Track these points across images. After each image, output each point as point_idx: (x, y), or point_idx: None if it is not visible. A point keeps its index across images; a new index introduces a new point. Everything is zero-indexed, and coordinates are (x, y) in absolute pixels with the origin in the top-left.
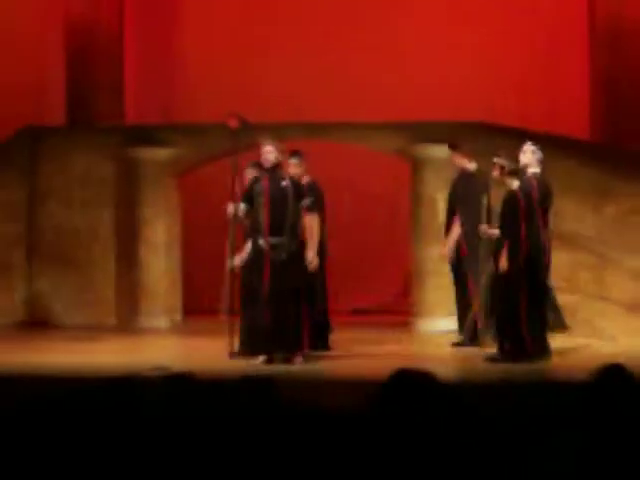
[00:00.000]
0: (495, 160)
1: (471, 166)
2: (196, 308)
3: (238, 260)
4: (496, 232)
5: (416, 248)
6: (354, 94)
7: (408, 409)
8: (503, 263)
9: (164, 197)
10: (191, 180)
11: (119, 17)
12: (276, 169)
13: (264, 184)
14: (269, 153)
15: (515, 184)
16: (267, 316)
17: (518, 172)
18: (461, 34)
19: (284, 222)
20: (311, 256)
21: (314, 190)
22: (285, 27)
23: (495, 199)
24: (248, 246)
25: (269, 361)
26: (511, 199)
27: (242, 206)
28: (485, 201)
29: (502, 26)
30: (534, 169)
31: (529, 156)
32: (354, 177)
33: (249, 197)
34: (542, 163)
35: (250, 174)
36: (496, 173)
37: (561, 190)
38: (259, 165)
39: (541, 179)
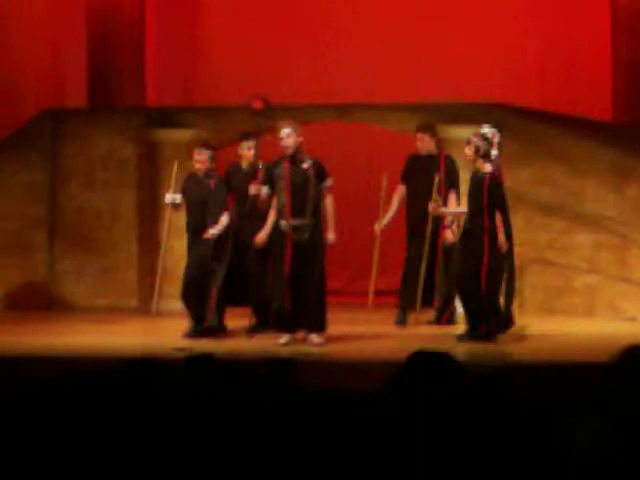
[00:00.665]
0: (472, 139)
1: (435, 151)
2: None
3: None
4: (445, 210)
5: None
6: (375, 75)
7: (426, 390)
8: (502, 241)
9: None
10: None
11: None
12: (297, 152)
13: (285, 167)
14: (288, 137)
15: (487, 167)
16: (288, 297)
17: (491, 156)
18: (482, 15)
19: (305, 204)
20: (331, 237)
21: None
22: (308, 7)
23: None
24: (269, 227)
25: (290, 342)
26: (485, 183)
27: (265, 189)
28: (436, 179)
29: (523, 6)
30: (494, 152)
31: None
32: (374, 157)
33: (270, 180)
34: (500, 146)
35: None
36: (469, 152)
37: (582, 171)
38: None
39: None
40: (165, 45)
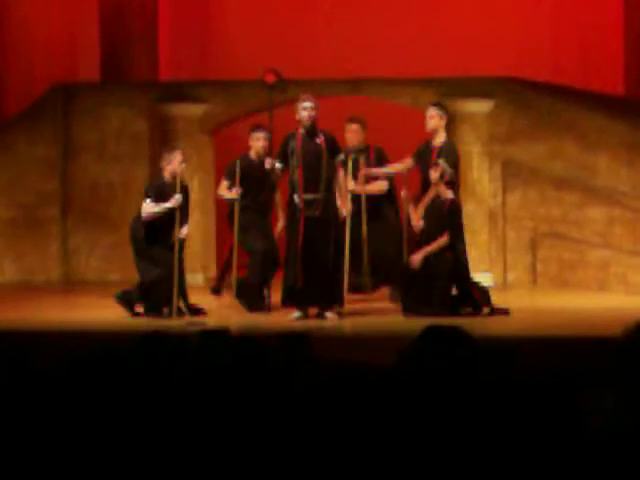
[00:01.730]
0: (439, 162)
1: (363, 144)
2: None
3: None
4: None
5: None
6: (388, 49)
7: (439, 363)
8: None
9: (198, 153)
10: (225, 136)
11: None
12: (313, 126)
13: (298, 142)
14: (312, 110)
15: (449, 194)
16: (300, 272)
17: (455, 184)
18: None
19: (318, 179)
20: (344, 211)
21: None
22: None
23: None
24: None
25: (302, 317)
26: (445, 207)
27: (278, 164)
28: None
29: None
30: (442, 137)
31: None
32: (387, 132)
33: (284, 155)
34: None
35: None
36: (435, 176)
37: (594, 146)
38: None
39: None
40: (178, 18)
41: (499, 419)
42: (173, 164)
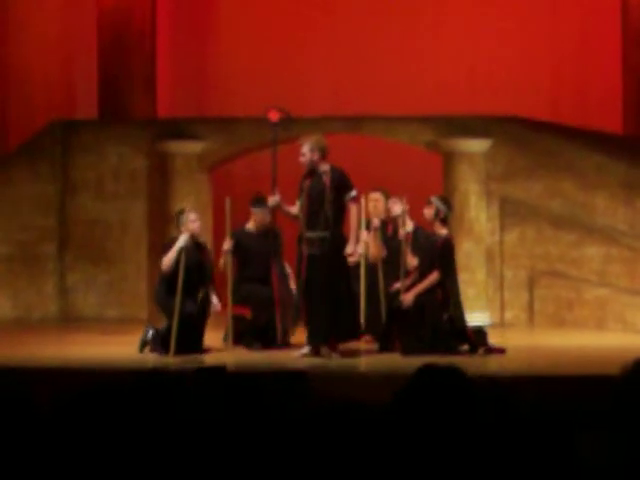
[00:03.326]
0: (432, 200)
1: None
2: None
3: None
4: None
5: None
6: (386, 87)
7: (434, 403)
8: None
9: (195, 190)
10: (223, 174)
11: (152, 9)
12: (313, 167)
13: (306, 181)
14: (302, 156)
15: (443, 231)
16: (304, 309)
17: (447, 220)
18: (492, 27)
19: (319, 216)
20: (351, 249)
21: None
22: (319, 19)
23: None
24: None
25: (312, 353)
26: (439, 245)
27: (296, 206)
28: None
29: (533, 18)
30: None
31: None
32: (387, 170)
33: (300, 193)
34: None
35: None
36: (428, 213)
37: (592, 184)
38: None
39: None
40: (176, 57)
41: (495, 459)
42: (187, 225)
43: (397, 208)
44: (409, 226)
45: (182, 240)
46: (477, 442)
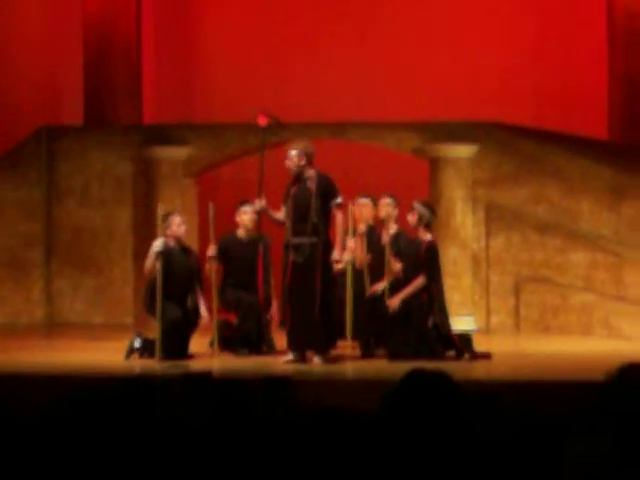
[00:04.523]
0: (415, 205)
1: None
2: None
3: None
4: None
5: None
6: (371, 93)
7: (422, 409)
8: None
9: (181, 196)
10: (208, 179)
11: (137, 16)
12: (300, 173)
13: (292, 187)
14: (290, 160)
15: (428, 236)
16: (289, 315)
17: (431, 225)
18: (477, 33)
19: (305, 223)
20: (337, 255)
21: None
22: (304, 26)
23: None
24: None
25: (294, 360)
26: (423, 249)
27: (282, 211)
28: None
29: (518, 24)
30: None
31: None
32: (372, 176)
33: (285, 199)
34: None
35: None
36: (412, 219)
37: (577, 190)
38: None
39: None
40: (161, 62)
41: (483, 464)
42: (172, 229)
43: (385, 210)
44: (392, 229)
45: (157, 245)
46: (465, 447)
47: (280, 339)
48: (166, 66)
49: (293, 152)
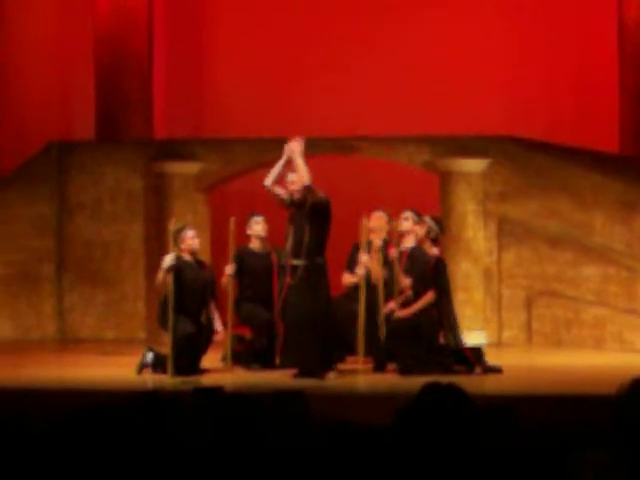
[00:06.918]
0: (425, 219)
1: None
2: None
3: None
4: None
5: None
6: (384, 108)
7: (437, 423)
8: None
9: (193, 211)
10: (220, 194)
11: (148, 31)
12: (301, 196)
13: (291, 210)
14: (292, 184)
15: (434, 250)
16: (281, 334)
17: (438, 240)
18: (489, 47)
19: (301, 244)
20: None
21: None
22: (315, 42)
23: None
24: None
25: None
26: (431, 265)
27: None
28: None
29: (530, 39)
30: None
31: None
32: (382, 191)
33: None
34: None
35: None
36: (421, 232)
37: (589, 204)
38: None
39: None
40: (173, 77)
41: (495, 477)
42: (186, 242)
43: (406, 224)
44: (410, 244)
45: (168, 260)
46: (477, 460)
47: None
48: (177, 80)
49: (293, 176)
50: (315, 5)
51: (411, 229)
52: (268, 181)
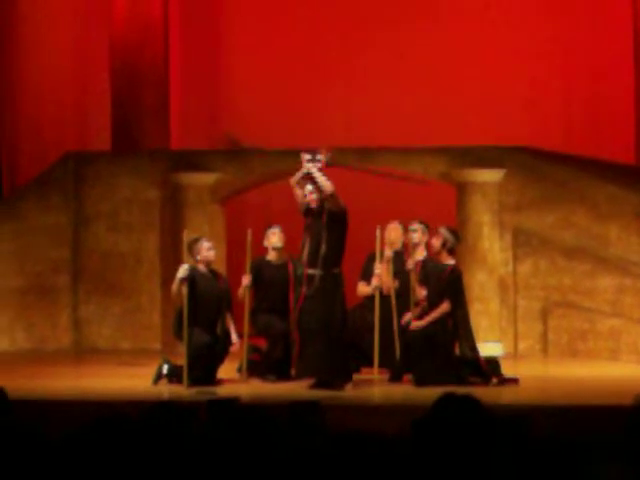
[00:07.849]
0: (440, 230)
1: None
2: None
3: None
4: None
5: None
6: (400, 119)
7: (454, 433)
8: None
9: (209, 222)
10: (236, 205)
11: (164, 41)
12: (318, 205)
13: (308, 219)
14: (310, 194)
15: (450, 261)
16: (297, 344)
17: (454, 251)
18: (504, 57)
19: (317, 253)
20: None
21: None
22: (331, 53)
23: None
24: None
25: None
26: (446, 274)
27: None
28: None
29: (546, 49)
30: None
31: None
32: (398, 202)
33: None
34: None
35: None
36: (437, 244)
37: (605, 215)
38: None
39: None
40: (189, 88)
41: None
42: (202, 253)
43: (415, 236)
44: (421, 256)
45: (182, 271)
46: (493, 471)
47: None
48: (193, 91)
49: (310, 187)
50: (332, 16)
51: (421, 240)
52: (293, 181)
